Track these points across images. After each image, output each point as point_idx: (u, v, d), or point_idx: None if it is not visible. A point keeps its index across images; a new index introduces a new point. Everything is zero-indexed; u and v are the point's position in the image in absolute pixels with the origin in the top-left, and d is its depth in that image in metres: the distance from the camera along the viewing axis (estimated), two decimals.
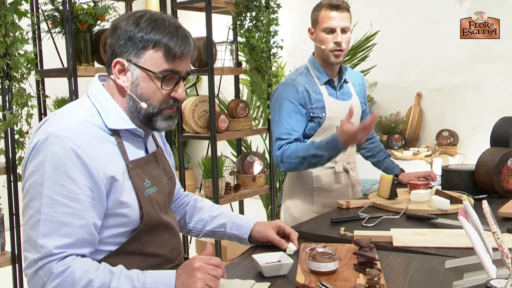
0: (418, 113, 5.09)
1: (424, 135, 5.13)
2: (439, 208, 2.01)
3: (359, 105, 2.39)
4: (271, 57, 3.46)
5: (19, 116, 2.49)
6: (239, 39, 3.46)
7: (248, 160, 3.53)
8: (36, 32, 2.88)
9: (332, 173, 2.33)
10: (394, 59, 5.12)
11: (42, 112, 2.97)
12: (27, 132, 2.54)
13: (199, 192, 3.40)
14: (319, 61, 2.31)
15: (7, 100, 2.49)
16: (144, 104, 1.36)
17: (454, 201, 2.05)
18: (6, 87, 2.47)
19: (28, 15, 2.57)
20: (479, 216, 1.33)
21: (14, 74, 2.48)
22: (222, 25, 3.76)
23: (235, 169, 3.56)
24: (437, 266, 1.45)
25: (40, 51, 2.98)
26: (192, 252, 3.97)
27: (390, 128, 5.06)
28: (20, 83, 2.50)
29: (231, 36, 3.66)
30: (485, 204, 1.30)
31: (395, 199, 2.18)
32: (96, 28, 2.85)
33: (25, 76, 2.51)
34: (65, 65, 2.78)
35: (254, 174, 3.50)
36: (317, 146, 2.09)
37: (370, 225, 1.87)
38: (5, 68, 2.44)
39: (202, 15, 3.16)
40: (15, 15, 2.43)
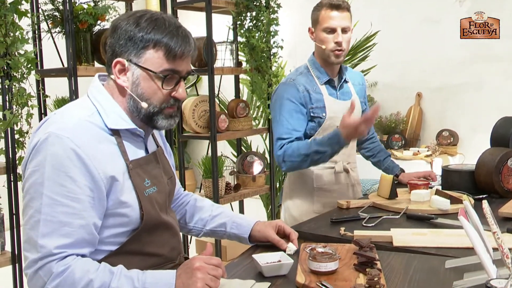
0: (418, 113, 5.09)
1: (424, 135, 5.13)
2: (439, 208, 2.01)
3: (359, 105, 2.39)
4: (271, 57, 3.46)
5: (19, 116, 2.49)
6: (239, 39, 3.46)
7: (248, 160, 3.53)
8: (36, 32, 2.88)
9: (332, 173, 2.33)
10: (394, 59, 5.12)
11: (42, 112, 2.97)
12: (27, 132, 2.54)
13: (199, 192, 3.40)
14: (319, 61, 2.30)
15: (7, 100, 2.49)
16: (145, 104, 1.36)
17: (454, 201, 2.05)
18: (6, 87, 2.47)
19: (28, 15, 2.57)
20: (479, 216, 1.33)
21: (14, 74, 2.48)
22: (222, 25, 3.76)
23: (235, 169, 3.56)
24: (437, 266, 1.45)
25: (40, 51, 2.98)
26: (192, 252, 3.97)
27: (390, 128, 5.06)
28: (20, 83, 2.50)
29: (231, 36, 3.66)
30: (485, 204, 1.30)
31: (395, 199, 2.18)
32: (96, 28, 2.85)
33: (25, 76, 2.51)
34: (65, 65, 2.78)
35: (254, 174, 3.50)
36: (319, 143, 2.08)
37: (370, 225, 1.87)
38: (5, 68, 2.44)
39: (202, 15, 3.16)
40: (15, 15, 2.43)
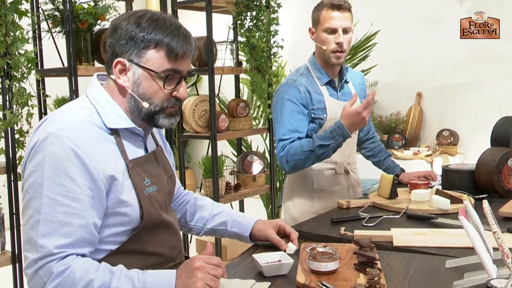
0: (419, 113, 5.09)
1: (425, 135, 5.13)
2: (440, 208, 2.01)
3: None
4: (272, 57, 3.46)
5: (20, 116, 2.49)
6: (240, 39, 3.46)
7: (249, 160, 3.53)
8: (37, 32, 2.88)
9: (333, 174, 2.33)
10: (395, 59, 5.12)
11: (43, 112, 2.97)
12: (28, 132, 2.54)
13: (200, 192, 3.40)
14: (320, 62, 2.29)
15: (8, 100, 2.49)
16: (146, 104, 1.36)
17: (455, 201, 2.05)
18: (7, 87, 2.46)
19: (29, 15, 2.57)
20: (480, 216, 1.33)
21: (15, 74, 2.48)
22: (223, 25, 3.76)
23: (236, 169, 3.56)
24: (438, 266, 1.45)
25: (41, 51, 2.98)
26: (193, 252, 3.97)
27: (391, 128, 5.06)
28: (21, 83, 2.50)
29: (232, 36, 3.66)
30: (486, 204, 1.30)
31: (396, 199, 2.18)
32: (97, 28, 2.84)
33: (26, 76, 2.51)
34: (66, 65, 2.78)
35: (254, 174, 3.50)
36: (322, 137, 2.08)
37: (371, 225, 1.87)
38: (6, 68, 2.44)
39: (203, 15, 3.16)
40: (16, 15, 2.43)
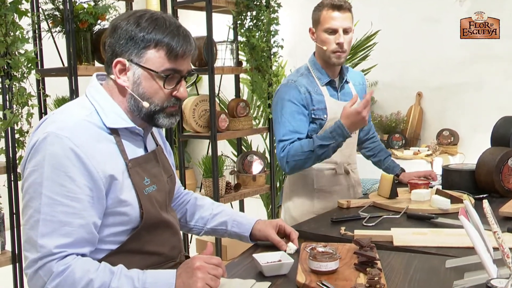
0: (419, 113, 5.09)
1: (425, 135, 5.13)
2: (440, 208, 2.01)
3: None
4: (272, 57, 3.45)
5: (20, 116, 2.49)
6: (240, 39, 3.46)
7: (249, 160, 3.53)
8: (37, 31, 2.88)
9: (333, 175, 2.33)
10: (395, 59, 5.12)
11: (43, 112, 2.97)
12: (28, 132, 2.54)
13: (200, 192, 3.40)
14: (320, 62, 2.28)
15: (8, 99, 2.49)
16: (146, 103, 1.36)
17: (455, 201, 2.05)
18: (7, 86, 2.46)
19: (29, 14, 2.57)
20: (480, 216, 1.33)
21: (15, 73, 2.47)
22: (223, 25, 3.76)
23: (236, 169, 3.56)
24: (438, 266, 1.45)
25: (41, 50, 2.98)
26: (193, 251, 3.97)
27: (391, 128, 5.06)
28: (21, 82, 2.50)
29: (232, 36, 3.66)
30: (486, 204, 1.30)
31: (396, 199, 2.18)
32: (97, 28, 2.84)
33: (26, 76, 2.51)
34: (66, 64, 2.78)
35: (255, 174, 3.50)
36: (322, 137, 2.09)
37: (371, 225, 1.87)
38: (6, 67, 2.44)
39: (203, 15, 3.16)
40: (16, 14, 2.43)
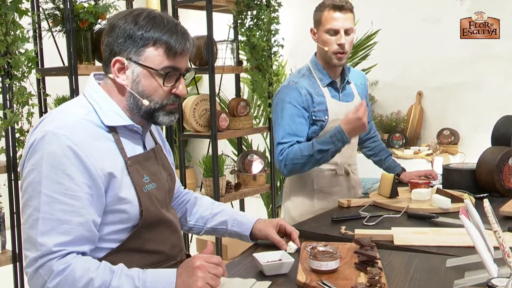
0: (419, 112, 5.09)
1: (425, 134, 5.13)
2: (440, 207, 2.01)
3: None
4: (272, 56, 3.45)
5: (20, 115, 2.49)
6: (240, 38, 3.46)
7: (249, 159, 3.53)
8: (37, 31, 2.88)
9: (333, 175, 2.32)
10: (395, 58, 5.12)
11: (43, 111, 2.97)
12: (28, 131, 2.54)
13: (200, 191, 3.40)
14: (322, 63, 2.27)
15: (8, 99, 2.49)
16: (146, 101, 1.36)
17: (455, 200, 2.05)
18: (7, 86, 2.46)
19: (29, 14, 2.57)
20: (480, 215, 1.33)
21: (15, 73, 2.47)
22: (223, 24, 3.75)
23: (236, 168, 3.56)
24: (438, 265, 1.45)
25: (41, 50, 2.98)
26: (193, 251, 3.97)
27: (391, 127, 5.05)
28: (21, 82, 2.50)
29: (232, 35, 3.66)
30: (486, 203, 1.30)
31: (396, 198, 2.18)
32: (97, 27, 2.84)
33: (26, 75, 2.51)
34: (66, 64, 2.78)
35: (255, 173, 3.50)
36: (322, 142, 2.09)
37: (371, 224, 1.87)
38: (6, 67, 2.44)
39: (203, 14, 3.16)
40: (16, 14, 2.43)
